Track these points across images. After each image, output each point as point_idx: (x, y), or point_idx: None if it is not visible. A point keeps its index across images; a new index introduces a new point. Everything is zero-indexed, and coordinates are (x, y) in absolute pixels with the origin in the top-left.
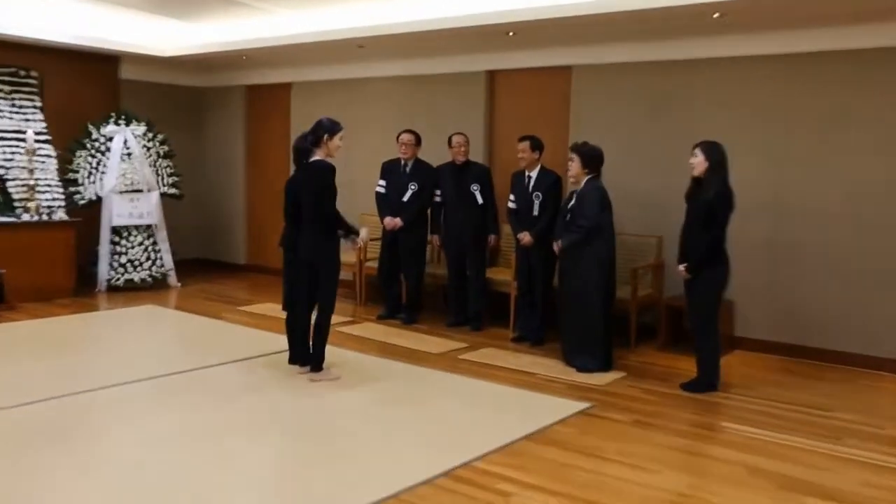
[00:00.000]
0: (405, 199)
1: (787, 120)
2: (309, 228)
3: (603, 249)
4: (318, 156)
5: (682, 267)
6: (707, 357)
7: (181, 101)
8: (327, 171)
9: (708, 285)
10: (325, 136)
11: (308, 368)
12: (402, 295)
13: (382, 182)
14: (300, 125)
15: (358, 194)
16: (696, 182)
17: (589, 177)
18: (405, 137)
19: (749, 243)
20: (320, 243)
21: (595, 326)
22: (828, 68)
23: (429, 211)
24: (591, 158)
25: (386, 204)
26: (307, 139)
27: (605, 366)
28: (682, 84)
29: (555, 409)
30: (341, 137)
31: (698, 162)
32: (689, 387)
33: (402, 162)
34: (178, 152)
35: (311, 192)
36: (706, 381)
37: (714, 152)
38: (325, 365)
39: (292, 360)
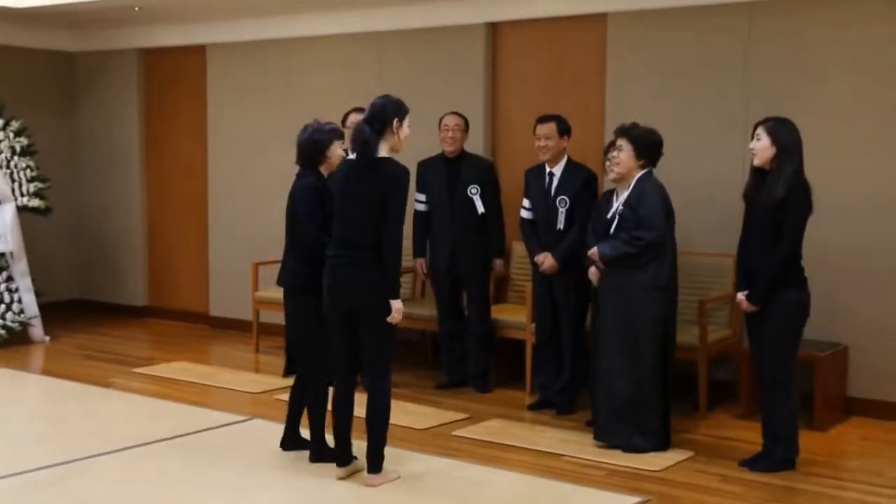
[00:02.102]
0: None
1: None
2: (355, 260)
3: (662, 275)
4: (383, 151)
5: (742, 296)
6: (786, 420)
7: (46, 73)
8: (402, 176)
9: (782, 318)
10: (395, 122)
11: (347, 468)
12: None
13: None
14: (221, 103)
15: None
16: (759, 174)
17: (643, 171)
18: (356, 119)
19: (864, 263)
20: (373, 281)
21: (648, 388)
22: None
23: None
24: (649, 146)
25: None
26: (364, 131)
27: (662, 444)
28: (774, 35)
29: None
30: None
31: (762, 147)
32: (756, 463)
33: (346, 153)
34: (42, 147)
35: (374, 205)
36: (783, 456)
37: (784, 133)
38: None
39: (341, 460)
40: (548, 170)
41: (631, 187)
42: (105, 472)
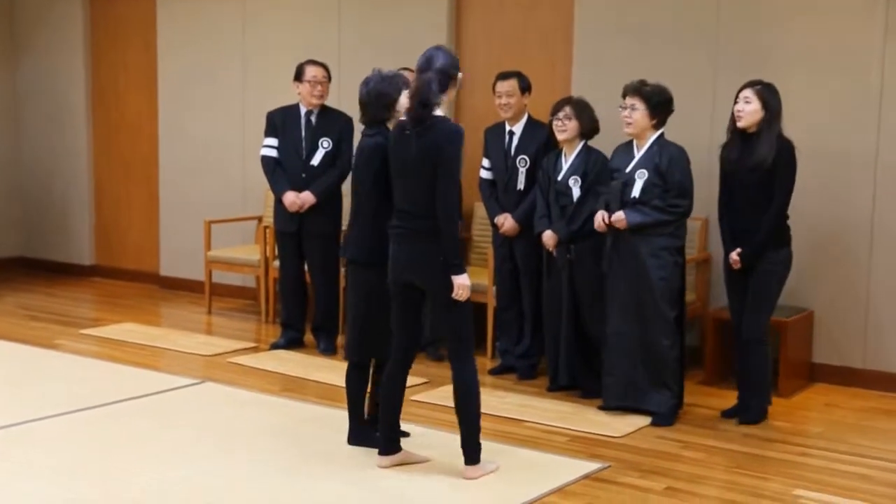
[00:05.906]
0: (314, 161)
1: None
2: (413, 232)
3: (678, 238)
4: (441, 110)
5: (735, 255)
6: (763, 372)
7: None
8: (456, 135)
9: (771, 273)
10: (458, 75)
11: (392, 458)
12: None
13: (272, 141)
14: (172, 53)
15: (257, 160)
16: (743, 137)
17: (657, 132)
18: (314, 72)
19: (831, 227)
20: (433, 255)
21: (672, 353)
22: None
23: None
24: (662, 104)
25: (281, 171)
26: (431, 88)
27: (679, 405)
28: None
29: (552, 472)
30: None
31: (752, 110)
32: (745, 416)
33: (304, 110)
34: None
35: (429, 170)
36: (759, 406)
37: (773, 98)
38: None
39: (384, 448)
40: (507, 128)
41: (646, 149)
42: (50, 437)
